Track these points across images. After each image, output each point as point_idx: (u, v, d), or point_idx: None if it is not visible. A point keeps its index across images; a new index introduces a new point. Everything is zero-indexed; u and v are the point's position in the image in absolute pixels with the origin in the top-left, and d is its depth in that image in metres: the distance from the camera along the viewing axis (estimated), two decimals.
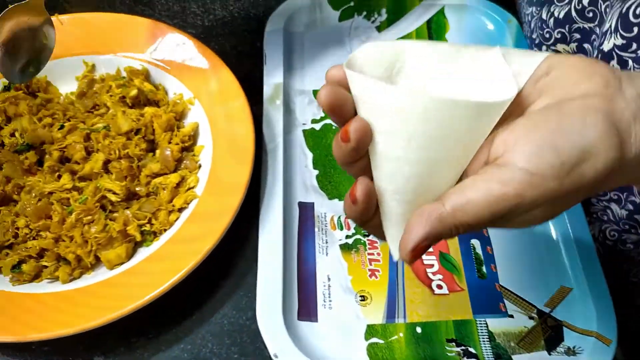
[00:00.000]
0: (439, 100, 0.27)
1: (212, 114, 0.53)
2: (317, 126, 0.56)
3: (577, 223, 0.51)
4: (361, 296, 0.47)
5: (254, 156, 0.49)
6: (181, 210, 0.49)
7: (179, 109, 0.54)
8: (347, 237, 0.50)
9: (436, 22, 0.65)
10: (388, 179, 0.30)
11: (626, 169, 0.28)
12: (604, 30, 0.48)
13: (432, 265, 0.49)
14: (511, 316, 0.47)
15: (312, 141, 0.55)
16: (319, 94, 0.30)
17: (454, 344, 0.45)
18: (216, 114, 0.53)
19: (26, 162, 0.49)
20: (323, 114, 0.57)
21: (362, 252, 0.49)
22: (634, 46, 0.45)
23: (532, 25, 0.60)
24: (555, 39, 0.56)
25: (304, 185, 0.52)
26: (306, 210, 0.51)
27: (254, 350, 0.45)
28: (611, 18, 0.47)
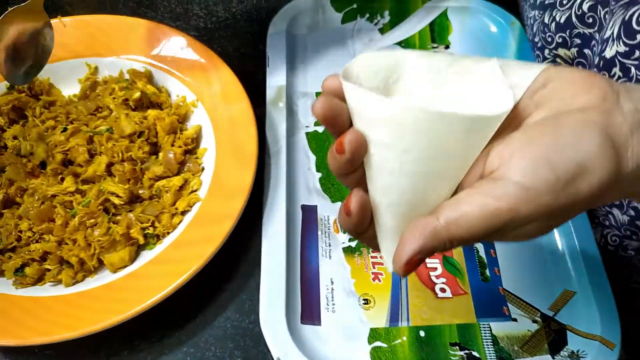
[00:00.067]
0: (434, 113, 0.27)
1: (215, 116, 0.53)
2: (320, 128, 0.56)
3: (580, 227, 0.51)
4: (364, 299, 0.47)
5: (257, 159, 0.49)
6: (184, 213, 0.48)
7: (182, 111, 0.54)
8: (350, 240, 0.50)
9: (439, 25, 0.64)
10: (382, 192, 0.30)
11: (623, 183, 0.28)
12: (606, 36, 0.48)
13: (435, 269, 0.48)
14: (515, 320, 0.47)
15: (315, 144, 0.55)
16: (314, 104, 0.30)
17: (457, 347, 0.45)
18: (219, 116, 0.53)
19: (29, 164, 0.49)
20: None
21: (365, 255, 0.49)
22: (636, 53, 0.45)
23: (535, 28, 0.60)
24: (557, 43, 0.56)
25: (307, 188, 0.52)
26: (309, 213, 0.51)
27: (257, 353, 0.45)
28: (613, 25, 0.46)
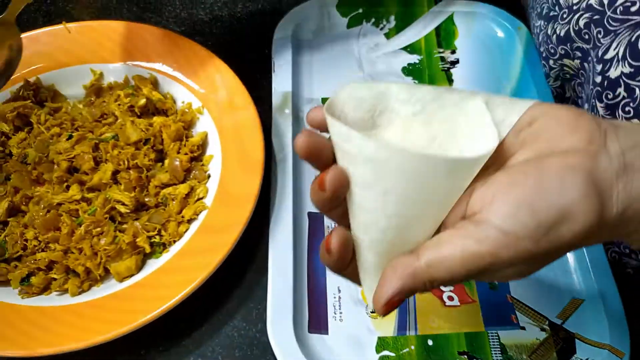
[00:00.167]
0: (415, 155, 0.27)
1: (221, 123, 0.53)
2: (326, 135, 0.56)
3: None
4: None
5: (264, 166, 0.49)
6: (190, 221, 0.48)
7: (188, 118, 0.53)
8: None
9: (445, 29, 0.64)
10: (364, 229, 0.29)
11: (606, 228, 0.27)
12: (608, 56, 0.48)
13: None
14: (523, 328, 0.46)
15: None
16: (296, 140, 0.29)
17: (465, 357, 0.45)
18: (225, 123, 0.52)
19: (34, 172, 0.49)
20: None
21: None
22: None
23: (540, 39, 0.60)
24: (560, 55, 0.56)
25: None
26: (316, 220, 0.51)
27: None
28: (618, 46, 0.47)
